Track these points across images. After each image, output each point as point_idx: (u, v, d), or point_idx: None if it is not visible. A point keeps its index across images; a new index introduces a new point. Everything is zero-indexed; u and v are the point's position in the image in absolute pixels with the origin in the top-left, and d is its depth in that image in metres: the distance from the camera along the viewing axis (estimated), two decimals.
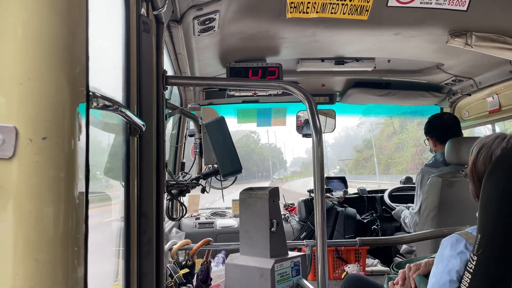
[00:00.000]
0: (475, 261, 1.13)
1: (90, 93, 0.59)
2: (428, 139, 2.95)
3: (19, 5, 0.51)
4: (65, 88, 0.52)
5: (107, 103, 0.68)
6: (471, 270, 1.15)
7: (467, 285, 1.17)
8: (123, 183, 1.06)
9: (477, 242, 1.13)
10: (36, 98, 0.50)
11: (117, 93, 1.09)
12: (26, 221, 0.49)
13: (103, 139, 1.23)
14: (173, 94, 2.97)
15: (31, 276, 0.49)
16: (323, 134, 2.65)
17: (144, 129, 1.07)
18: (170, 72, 1.96)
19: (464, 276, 1.18)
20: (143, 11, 1.13)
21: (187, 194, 1.93)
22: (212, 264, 2.50)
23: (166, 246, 2.18)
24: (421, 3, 1.88)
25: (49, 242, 0.50)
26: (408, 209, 2.96)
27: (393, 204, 3.59)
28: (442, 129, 2.82)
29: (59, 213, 0.51)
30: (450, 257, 1.27)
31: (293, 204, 3.96)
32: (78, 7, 0.57)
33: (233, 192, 3.06)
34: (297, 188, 25.22)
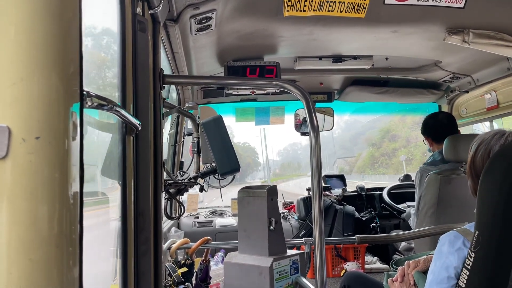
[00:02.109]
0: (472, 258, 1.14)
1: (84, 93, 0.59)
2: (425, 139, 2.96)
3: (12, 5, 0.51)
4: (58, 87, 0.52)
5: (101, 102, 0.68)
6: (469, 267, 1.15)
7: (465, 282, 1.17)
8: (119, 182, 1.06)
9: (474, 239, 1.13)
10: (29, 97, 0.50)
11: (113, 93, 1.08)
12: (20, 221, 0.49)
13: (105, 138, 1.23)
14: (171, 94, 2.97)
15: (25, 276, 0.49)
16: (320, 132, 2.65)
17: (140, 128, 1.07)
18: (167, 71, 1.96)
19: (462, 272, 1.19)
20: (138, 10, 1.12)
21: (185, 193, 1.93)
22: (211, 263, 2.50)
23: (165, 245, 2.18)
24: (418, 0, 1.88)
25: (43, 241, 0.50)
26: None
27: (393, 203, 3.60)
28: (437, 128, 2.83)
29: (54, 212, 0.51)
30: (448, 253, 1.27)
31: (292, 203, 3.96)
32: (71, 7, 0.56)
33: (227, 193, 3.05)
34: (293, 189, 24.91)
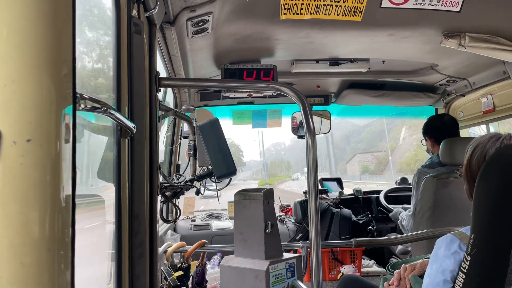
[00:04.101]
0: (469, 261, 1.14)
1: (77, 95, 0.58)
2: (426, 139, 2.97)
3: (4, 6, 0.51)
4: (50, 90, 0.51)
5: (95, 105, 0.67)
6: (465, 270, 1.15)
7: (461, 285, 1.17)
8: (114, 185, 1.05)
9: (470, 242, 1.13)
10: (20, 100, 0.49)
11: (108, 95, 1.08)
12: (11, 224, 0.48)
13: (100, 141, 1.22)
14: (168, 96, 2.97)
15: (16, 279, 0.48)
16: (317, 134, 2.65)
17: (135, 131, 1.06)
18: (164, 74, 1.95)
19: (458, 276, 1.19)
20: (134, 12, 1.12)
21: (182, 196, 1.93)
22: (208, 266, 2.49)
23: (161, 249, 2.17)
24: (414, 4, 1.89)
25: (35, 245, 0.49)
26: (405, 211, 2.97)
27: (389, 206, 3.60)
28: (441, 130, 2.83)
29: (45, 216, 0.50)
30: (444, 257, 1.27)
31: (289, 206, 3.96)
32: (64, 9, 0.56)
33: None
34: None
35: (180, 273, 2.04)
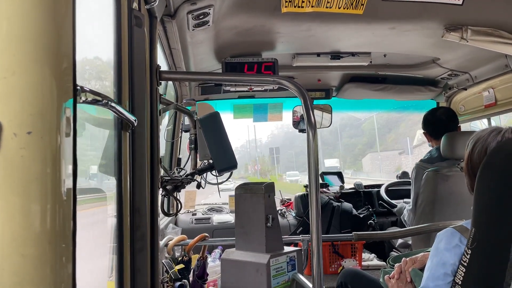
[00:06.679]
0: (469, 255, 1.14)
1: (78, 87, 0.58)
2: (424, 134, 2.97)
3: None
4: (51, 82, 0.51)
5: (96, 97, 0.67)
6: (465, 264, 1.15)
7: (461, 279, 1.17)
8: (115, 178, 1.05)
9: (471, 236, 1.13)
10: (21, 92, 0.49)
11: (109, 88, 1.08)
12: (12, 216, 0.48)
13: (101, 134, 1.22)
14: (169, 90, 2.96)
15: (17, 271, 0.48)
16: (319, 128, 2.64)
17: (136, 124, 1.06)
18: (164, 67, 1.95)
19: (458, 269, 1.19)
20: (135, 5, 1.11)
21: (183, 190, 1.93)
22: (209, 260, 2.50)
23: (162, 242, 2.18)
24: None
25: (36, 238, 0.49)
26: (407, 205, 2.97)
27: (391, 201, 3.60)
28: (435, 125, 2.83)
29: (46, 208, 0.50)
30: (445, 250, 1.27)
31: (290, 199, 3.96)
32: (64, 1, 0.56)
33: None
34: None
35: (181, 266, 2.04)
